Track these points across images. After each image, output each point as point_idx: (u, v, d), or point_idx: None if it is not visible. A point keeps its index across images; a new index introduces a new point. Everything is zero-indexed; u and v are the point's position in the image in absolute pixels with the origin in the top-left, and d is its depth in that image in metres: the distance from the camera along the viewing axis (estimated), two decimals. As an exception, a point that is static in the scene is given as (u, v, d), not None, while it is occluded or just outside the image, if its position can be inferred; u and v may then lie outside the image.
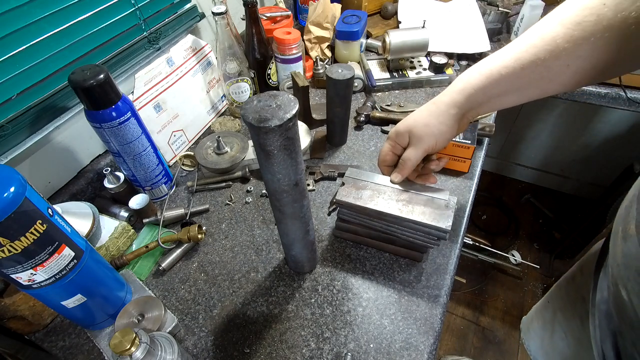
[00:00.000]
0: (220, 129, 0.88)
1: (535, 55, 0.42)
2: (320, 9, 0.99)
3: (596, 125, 1.56)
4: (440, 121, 0.51)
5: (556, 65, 0.41)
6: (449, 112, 0.50)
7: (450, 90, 0.50)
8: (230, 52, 0.80)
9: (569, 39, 0.39)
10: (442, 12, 1.14)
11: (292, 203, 0.46)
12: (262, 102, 0.38)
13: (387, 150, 0.57)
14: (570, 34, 0.39)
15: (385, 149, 0.57)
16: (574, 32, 0.39)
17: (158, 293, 0.60)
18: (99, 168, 0.74)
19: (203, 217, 0.71)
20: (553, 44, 0.40)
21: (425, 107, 0.53)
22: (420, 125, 0.52)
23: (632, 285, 0.35)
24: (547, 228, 1.77)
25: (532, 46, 0.42)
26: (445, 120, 0.50)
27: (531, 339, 0.79)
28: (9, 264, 0.39)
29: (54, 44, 0.62)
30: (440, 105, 0.51)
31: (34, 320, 0.54)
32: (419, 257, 0.60)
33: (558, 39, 0.40)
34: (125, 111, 0.58)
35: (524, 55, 0.43)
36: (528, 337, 0.80)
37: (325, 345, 0.52)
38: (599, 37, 0.38)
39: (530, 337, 0.79)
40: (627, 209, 0.40)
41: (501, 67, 0.45)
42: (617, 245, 0.39)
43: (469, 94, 0.48)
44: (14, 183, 0.37)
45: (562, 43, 0.40)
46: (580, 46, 0.39)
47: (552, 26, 0.41)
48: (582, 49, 0.39)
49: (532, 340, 0.79)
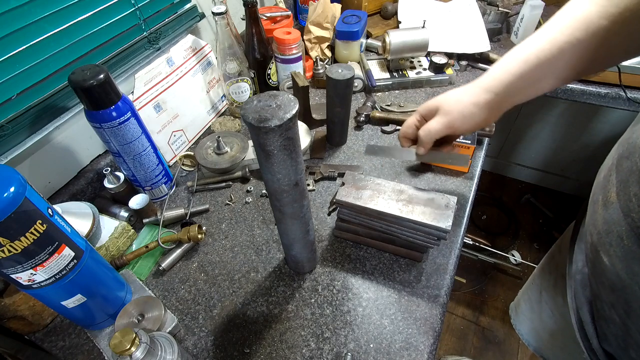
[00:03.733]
0: (220, 129, 0.88)
1: (572, 36, 0.41)
2: (320, 9, 0.99)
3: (596, 125, 1.56)
4: (473, 102, 0.49)
5: (594, 43, 0.41)
6: (484, 96, 0.49)
7: (488, 76, 0.49)
8: (230, 52, 0.80)
9: (604, 16, 0.39)
10: (442, 12, 1.14)
11: (292, 203, 0.46)
12: (262, 102, 0.38)
13: (411, 123, 0.56)
14: (605, 11, 0.39)
15: (409, 121, 0.56)
16: (609, 9, 0.39)
17: (158, 293, 0.60)
18: (99, 168, 0.74)
19: (203, 217, 0.71)
20: (588, 22, 0.40)
21: (461, 87, 0.52)
22: (451, 100, 0.51)
23: (614, 250, 0.36)
24: (547, 228, 1.77)
25: (566, 27, 0.42)
26: (479, 101, 0.49)
27: (521, 323, 0.81)
28: (9, 264, 0.39)
29: (54, 44, 0.62)
30: (476, 87, 0.50)
31: (34, 320, 0.54)
32: (419, 257, 0.60)
33: (593, 17, 0.40)
34: (125, 111, 0.58)
35: (560, 37, 0.42)
36: (518, 321, 0.82)
37: (325, 345, 0.52)
38: (636, 10, 0.37)
39: (520, 320, 0.81)
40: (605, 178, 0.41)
41: (538, 51, 0.44)
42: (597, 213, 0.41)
43: (507, 81, 0.47)
44: (14, 183, 0.37)
45: (597, 20, 0.39)
46: (616, 23, 0.39)
47: (585, 5, 0.41)
48: (619, 26, 0.39)
49: (522, 324, 0.80)
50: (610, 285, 0.38)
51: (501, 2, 1.09)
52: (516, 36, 1.11)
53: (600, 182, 0.43)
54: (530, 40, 0.45)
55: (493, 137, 0.79)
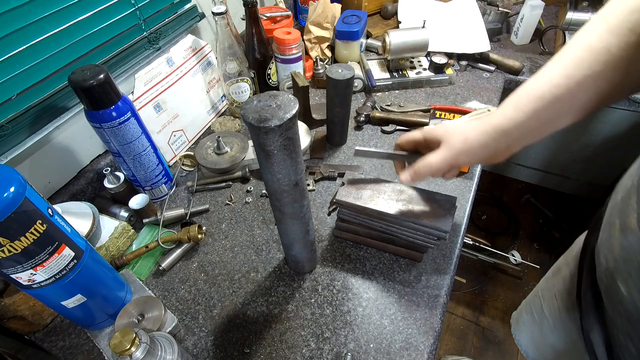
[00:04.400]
0: (220, 129, 0.88)
1: (590, 69, 0.38)
2: (320, 9, 0.99)
3: (596, 125, 1.56)
4: (482, 143, 0.45)
5: (615, 75, 0.38)
6: (494, 138, 0.45)
7: (500, 115, 0.44)
8: (230, 52, 0.80)
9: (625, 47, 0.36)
10: (442, 12, 1.14)
11: (292, 203, 0.46)
12: (262, 102, 0.38)
13: (412, 140, 0.52)
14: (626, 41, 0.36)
15: (411, 136, 0.52)
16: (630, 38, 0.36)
17: (158, 293, 0.60)
18: (99, 168, 0.74)
19: (203, 217, 0.71)
20: (607, 54, 0.38)
21: (471, 122, 0.47)
22: (458, 136, 0.46)
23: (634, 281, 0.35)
24: (547, 228, 1.77)
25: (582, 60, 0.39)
26: (488, 143, 0.45)
27: (521, 332, 0.80)
28: (9, 264, 0.39)
29: (54, 44, 0.62)
30: (487, 126, 0.45)
31: (34, 320, 0.54)
32: (419, 257, 0.60)
33: (612, 49, 0.37)
34: (125, 111, 0.58)
35: (577, 71, 0.39)
36: (518, 331, 0.81)
37: (325, 345, 0.52)
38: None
39: (520, 330, 0.80)
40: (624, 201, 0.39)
41: (553, 86, 0.40)
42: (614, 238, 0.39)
43: (520, 120, 0.42)
44: (14, 183, 0.37)
45: (617, 52, 0.37)
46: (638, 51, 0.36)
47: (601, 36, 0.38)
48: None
49: (522, 334, 0.79)
50: (627, 315, 0.36)
51: (501, 2, 1.09)
52: (516, 36, 1.11)
53: (617, 203, 0.40)
54: (544, 76, 0.42)
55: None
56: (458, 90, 0.96)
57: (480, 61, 1.03)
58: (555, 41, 1.10)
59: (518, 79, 1.00)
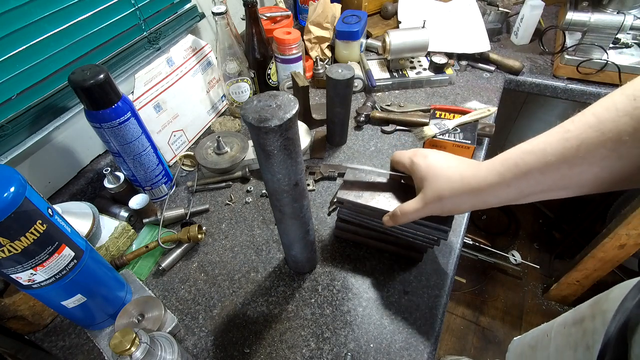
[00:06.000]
0: (220, 129, 0.88)
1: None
2: (320, 9, 0.99)
3: (596, 125, 1.56)
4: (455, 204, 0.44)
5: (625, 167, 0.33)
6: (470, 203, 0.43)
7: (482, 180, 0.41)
8: (230, 52, 0.80)
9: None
10: (442, 12, 1.14)
11: (292, 203, 0.46)
12: (262, 102, 0.38)
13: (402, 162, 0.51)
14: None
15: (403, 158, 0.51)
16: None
17: (158, 293, 0.60)
18: (99, 168, 0.74)
19: (203, 217, 0.71)
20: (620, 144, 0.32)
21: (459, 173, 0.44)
22: (443, 184, 0.44)
23: None
24: (547, 228, 1.77)
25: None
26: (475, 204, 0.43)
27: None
28: (9, 264, 0.39)
29: (54, 44, 0.62)
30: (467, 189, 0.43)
31: (34, 320, 0.54)
32: (419, 257, 0.60)
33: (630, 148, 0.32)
34: (125, 111, 0.58)
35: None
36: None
37: (325, 345, 0.52)
38: None
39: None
40: None
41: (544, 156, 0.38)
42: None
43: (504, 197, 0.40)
44: (14, 183, 0.37)
45: (635, 150, 0.31)
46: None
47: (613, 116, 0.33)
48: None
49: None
50: None
51: (501, 2, 1.09)
52: (516, 36, 1.11)
53: None
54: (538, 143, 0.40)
55: (493, 137, 0.79)
56: (458, 90, 0.96)
57: (480, 61, 1.04)
58: (555, 41, 1.10)
59: (518, 79, 1.00)
